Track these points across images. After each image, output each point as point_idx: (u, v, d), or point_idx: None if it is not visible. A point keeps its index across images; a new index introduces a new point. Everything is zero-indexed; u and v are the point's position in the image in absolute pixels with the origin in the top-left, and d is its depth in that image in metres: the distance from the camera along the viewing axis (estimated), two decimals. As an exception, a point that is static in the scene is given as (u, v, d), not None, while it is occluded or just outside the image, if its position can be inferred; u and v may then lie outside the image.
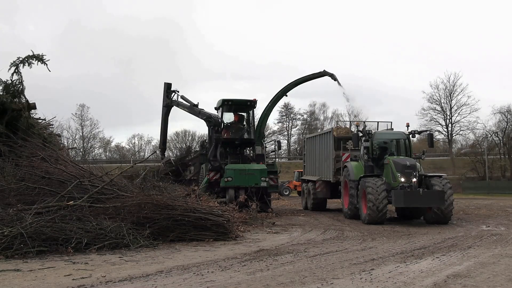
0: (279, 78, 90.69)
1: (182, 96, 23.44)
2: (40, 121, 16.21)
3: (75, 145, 62.20)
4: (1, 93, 13.98)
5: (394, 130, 19.50)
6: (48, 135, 15.92)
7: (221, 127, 20.27)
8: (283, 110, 77.58)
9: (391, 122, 21.35)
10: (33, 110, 15.35)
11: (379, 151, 17.65)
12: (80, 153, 62.04)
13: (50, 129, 17.54)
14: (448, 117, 66.10)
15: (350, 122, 27.71)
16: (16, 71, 13.98)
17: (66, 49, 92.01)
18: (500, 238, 12.08)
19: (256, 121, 22.85)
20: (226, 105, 20.45)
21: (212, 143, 19.86)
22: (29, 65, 14.05)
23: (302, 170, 28.22)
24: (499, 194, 42.46)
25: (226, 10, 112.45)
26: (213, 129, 20.23)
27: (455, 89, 65.36)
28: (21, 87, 14.13)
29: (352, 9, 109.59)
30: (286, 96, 26.47)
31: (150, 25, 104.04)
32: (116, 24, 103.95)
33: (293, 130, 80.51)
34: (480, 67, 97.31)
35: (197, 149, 27.40)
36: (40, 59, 14.18)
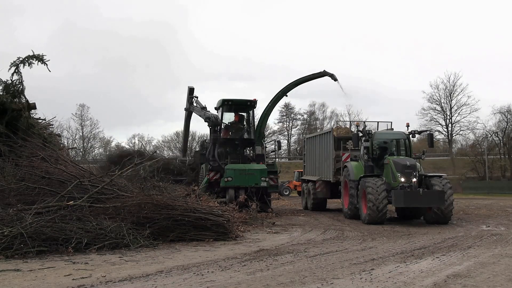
0: (276, 79, 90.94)
1: (197, 100, 23.54)
2: (40, 121, 16.20)
3: (75, 145, 62.21)
4: (1, 93, 13.97)
5: (394, 130, 19.50)
6: (48, 135, 15.91)
7: (219, 127, 20.25)
8: (283, 110, 77.80)
9: (391, 122, 21.40)
10: (33, 110, 15.35)
11: (379, 151, 17.66)
12: (80, 153, 62.03)
13: (50, 129, 17.53)
14: (448, 117, 66.29)
15: (350, 122, 27.75)
16: (16, 71, 13.98)
17: (64, 49, 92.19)
18: (500, 238, 12.08)
19: (256, 121, 22.85)
20: (226, 105, 20.44)
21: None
22: (29, 65, 14.05)
23: (302, 170, 28.23)
24: (499, 194, 42.48)
25: (226, 10, 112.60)
26: (211, 129, 20.23)
27: (455, 89, 65.60)
28: (21, 87, 14.12)
29: (352, 9, 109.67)
30: (286, 96, 26.55)
31: (145, 27, 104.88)
32: (110, 26, 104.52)
33: (293, 130, 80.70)
34: (480, 67, 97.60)
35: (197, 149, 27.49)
36: (40, 59, 14.17)
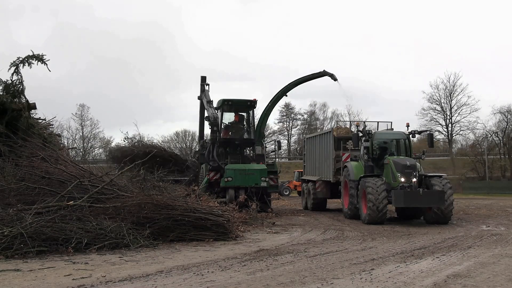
0: (276, 79, 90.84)
1: (206, 91, 23.41)
2: (40, 121, 16.21)
3: (75, 145, 62.15)
4: (1, 93, 13.97)
5: (394, 130, 19.50)
6: (48, 135, 15.91)
7: (219, 127, 20.23)
8: (283, 110, 77.74)
9: (391, 122, 21.38)
10: (33, 110, 15.36)
11: (379, 151, 17.66)
12: (80, 153, 62.00)
13: (50, 129, 17.55)
14: (448, 117, 66.19)
15: (350, 122, 27.75)
16: (16, 71, 13.98)
17: (63, 49, 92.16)
18: (500, 238, 12.08)
19: (256, 121, 22.85)
20: (226, 105, 20.44)
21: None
22: (29, 65, 14.05)
23: (302, 170, 28.23)
24: (499, 194, 42.47)
25: (226, 10, 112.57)
26: (211, 129, 20.22)
27: (455, 89, 65.48)
28: (21, 87, 14.13)
29: (352, 9, 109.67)
30: (286, 96, 26.38)
31: (144, 27, 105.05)
32: (107, 27, 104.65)
33: (293, 130, 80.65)
34: (480, 67, 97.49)
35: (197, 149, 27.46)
36: (40, 59, 14.18)
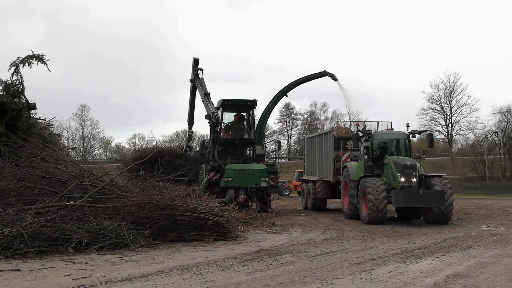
0: (275, 79, 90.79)
1: (201, 79, 23.49)
2: (40, 121, 16.20)
3: (75, 145, 62.24)
4: (1, 93, 13.97)
5: (394, 130, 19.49)
6: (48, 135, 15.91)
7: (219, 127, 20.22)
8: (283, 110, 77.81)
9: (391, 122, 21.36)
10: (33, 110, 15.35)
11: (379, 151, 17.65)
12: (80, 153, 62.04)
13: (50, 129, 17.54)
14: (448, 117, 66.16)
15: (350, 122, 27.71)
16: (16, 71, 13.98)
17: (62, 49, 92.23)
18: (500, 238, 12.08)
19: (256, 121, 22.84)
20: (226, 105, 20.40)
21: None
22: (29, 65, 14.05)
23: (302, 170, 28.22)
24: (499, 194, 42.46)
25: (225, 10, 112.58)
26: (211, 129, 20.20)
27: (455, 89, 65.44)
28: (21, 87, 14.13)
29: (352, 9, 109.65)
30: (286, 96, 26.45)
31: (144, 27, 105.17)
32: (104, 28, 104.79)
33: (293, 130, 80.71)
34: (480, 67, 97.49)
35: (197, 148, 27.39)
36: (40, 59, 14.18)
